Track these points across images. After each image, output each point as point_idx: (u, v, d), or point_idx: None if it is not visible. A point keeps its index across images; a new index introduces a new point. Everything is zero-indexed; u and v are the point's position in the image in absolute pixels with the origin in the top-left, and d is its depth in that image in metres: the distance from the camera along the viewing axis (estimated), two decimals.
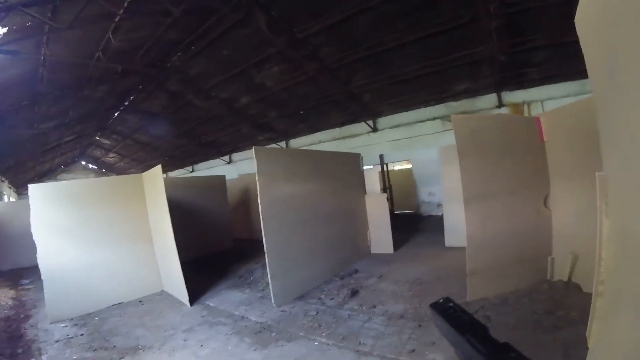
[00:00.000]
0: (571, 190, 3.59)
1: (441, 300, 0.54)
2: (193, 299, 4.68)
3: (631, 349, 1.31)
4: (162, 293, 5.32)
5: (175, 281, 4.74)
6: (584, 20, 1.48)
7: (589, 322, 2.34)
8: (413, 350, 2.87)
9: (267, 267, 4.02)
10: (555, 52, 6.71)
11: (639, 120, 1.07)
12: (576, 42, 1.46)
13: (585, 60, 1.54)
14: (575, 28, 1.48)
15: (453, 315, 0.50)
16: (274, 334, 3.53)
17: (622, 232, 1.45)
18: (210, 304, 4.59)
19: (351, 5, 6.10)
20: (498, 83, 8.18)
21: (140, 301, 5.04)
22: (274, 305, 4.12)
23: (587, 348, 2.09)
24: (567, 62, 6.73)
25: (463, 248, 3.71)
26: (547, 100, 8.02)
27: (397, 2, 5.99)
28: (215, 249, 7.77)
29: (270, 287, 4.07)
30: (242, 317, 4.01)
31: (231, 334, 3.65)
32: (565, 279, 3.77)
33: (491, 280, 3.67)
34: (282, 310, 4.02)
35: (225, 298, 4.75)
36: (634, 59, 0.99)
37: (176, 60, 8.14)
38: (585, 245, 2.57)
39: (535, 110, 8.12)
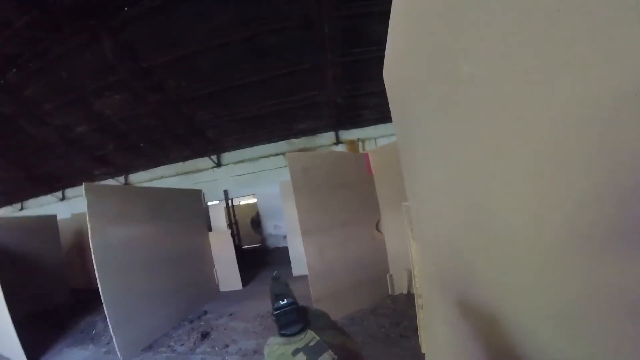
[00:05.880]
0: (395, 216, 3.96)
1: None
2: None
3: (442, 348, 1.50)
4: None
5: (9, 342, 4.12)
6: (387, 73, 1.77)
7: (419, 332, 2.72)
8: None
9: (107, 319, 3.73)
10: (385, 96, 8.34)
11: (418, 158, 1.28)
12: None
13: (390, 105, 1.83)
14: None
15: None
16: None
17: (422, 252, 1.73)
18: None
19: (198, 42, 6.08)
20: (336, 123, 9.40)
21: None
22: (121, 359, 3.80)
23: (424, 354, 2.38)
24: None
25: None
26: (380, 138, 9.06)
27: (242, 44, 6.25)
28: (49, 301, 6.81)
29: (114, 340, 3.77)
30: None
31: None
32: (405, 292, 4.18)
33: (336, 304, 3.80)
34: None
35: (68, 357, 4.38)
36: (413, 109, 1.19)
37: (11, 77, 6.59)
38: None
39: (369, 147, 9.47)
